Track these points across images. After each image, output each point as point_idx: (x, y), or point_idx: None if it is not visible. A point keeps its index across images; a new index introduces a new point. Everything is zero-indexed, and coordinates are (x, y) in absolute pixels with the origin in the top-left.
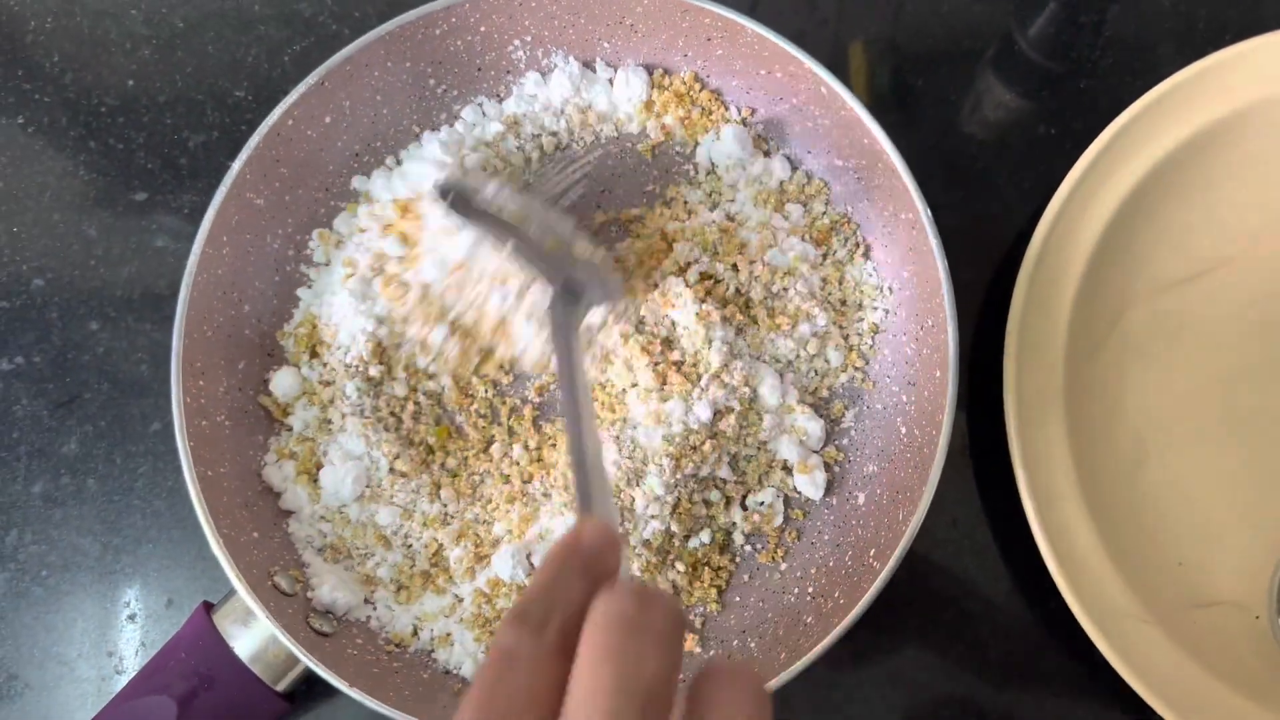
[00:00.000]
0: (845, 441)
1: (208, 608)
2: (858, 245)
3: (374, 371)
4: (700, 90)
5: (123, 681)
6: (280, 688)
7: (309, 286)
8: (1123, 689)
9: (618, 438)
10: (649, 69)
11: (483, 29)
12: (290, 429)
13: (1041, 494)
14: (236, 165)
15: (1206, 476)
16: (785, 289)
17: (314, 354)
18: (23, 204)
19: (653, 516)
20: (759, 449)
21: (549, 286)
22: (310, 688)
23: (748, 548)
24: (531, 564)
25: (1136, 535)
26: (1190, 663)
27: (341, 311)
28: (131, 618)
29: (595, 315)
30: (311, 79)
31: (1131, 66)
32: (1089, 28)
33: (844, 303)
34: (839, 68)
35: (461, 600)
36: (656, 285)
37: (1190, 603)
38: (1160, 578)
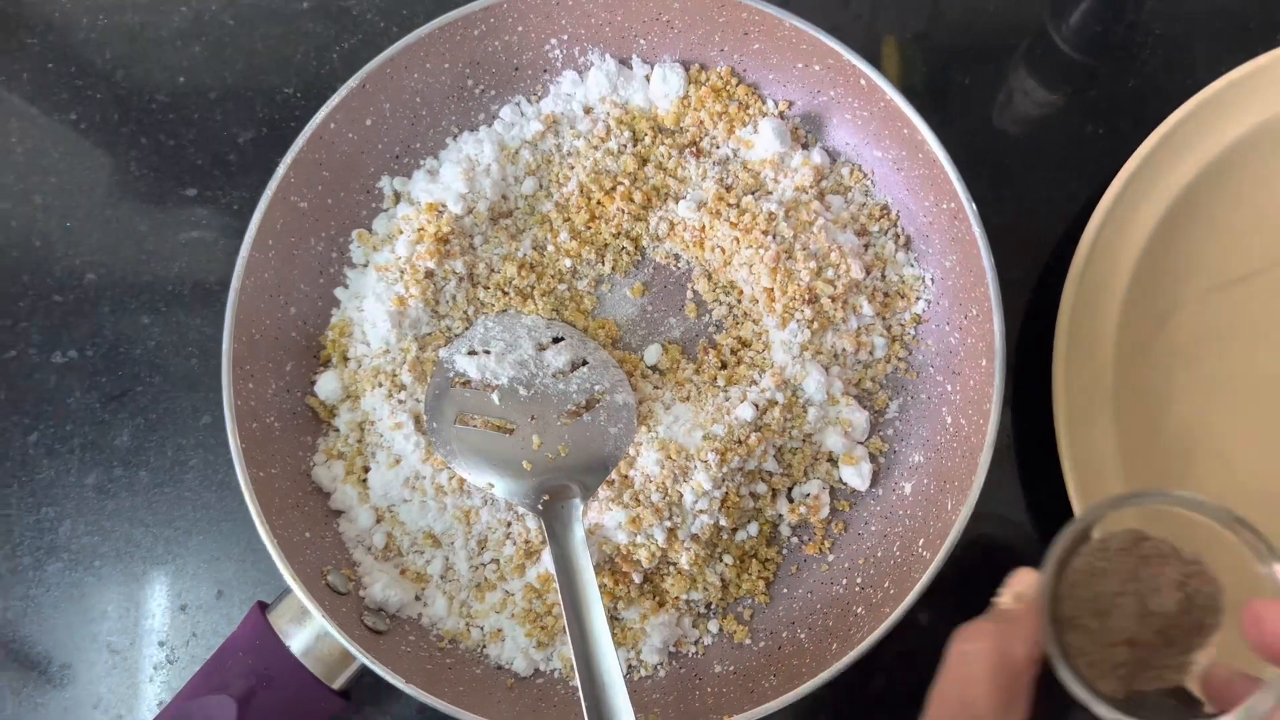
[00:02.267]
0: (890, 432)
1: (262, 607)
2: (898, 236)
3: (406, 378)
4: (737, 85)
5: (174, 671)
6: (336, 685)
7: (346, 286)
8: None
9: (660, 440)
10: (685, 65)
11: (520, 29)
12: (337, 430)
13: (1091, 495)
14: (281, 169)
15: (1257, 479)
16: (834, 283)
17: (345, 358)
18: (75, 199)
19: (701, 511)
20: (804, 441)
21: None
22: (362, 685)
23: (794, 539)
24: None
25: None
26: (1244, 669)
27: (373, 316)
28: (183, 608)
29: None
30: (353, 82)
31: (1180, 64)
32: (1130, 24)
33: (886, 294)
34: (872, 63)
35: (512, 595)
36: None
37: None
38: None
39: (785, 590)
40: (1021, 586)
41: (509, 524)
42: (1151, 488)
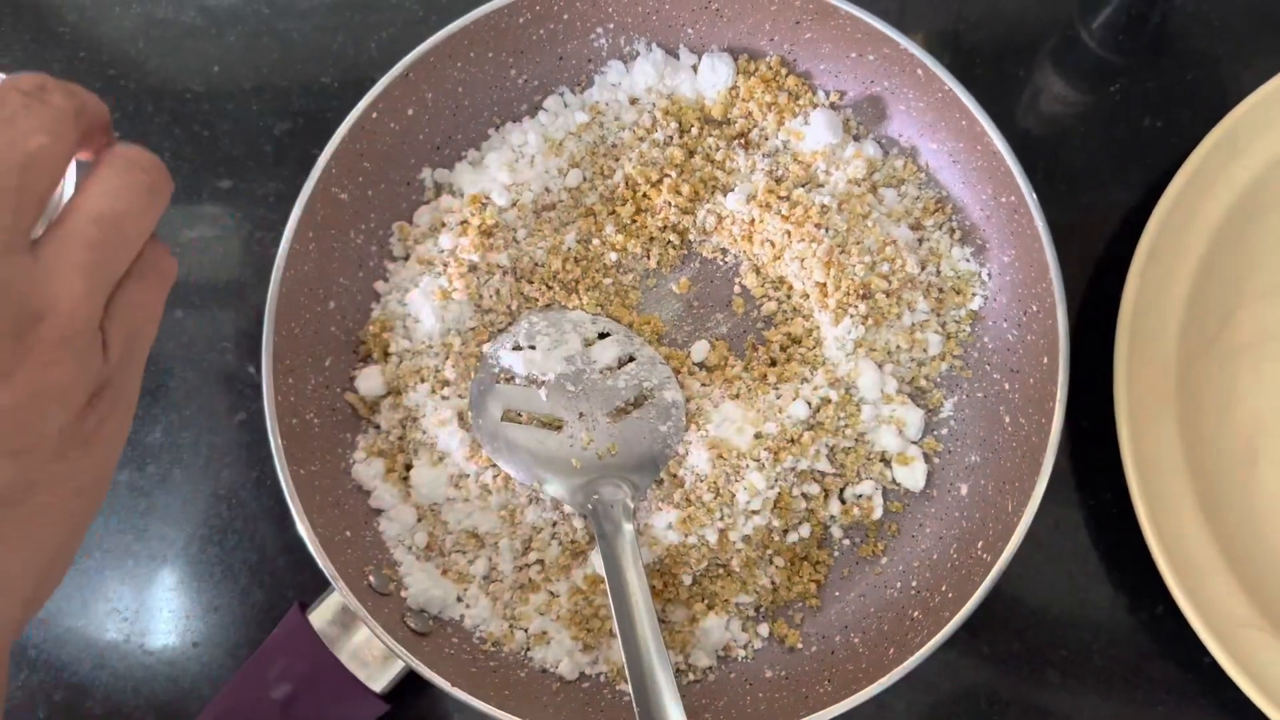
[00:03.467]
0: (945, 431)
1: (302, 607)
2: (954, 230)
3: (450, 374)
4: (787, 75)
5: (208, 673)
6: (378, 688)
7: (386, 280)
8: (1235, 699)
9: (710, 439)
10: (734, 54)
11: (565, 17)
12: (378, 427)
13: (1153, 496)
14: (322, 160)
15: None
16: (889, 277)
17: (386, 353)
18: None
19: (754, 512)
20: (857, 440)
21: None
22: (403, 688)
23: (846, 541)
24: None
25: (1252, 539)
26: None
27: (416, 310)
28: (216, 609)
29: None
30: (396, 71)
31: (1241, 56)
32: (1163, 17)
33: (941, 290)
34: None
35: (557, 597)
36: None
37: None
38: (1278, 584)
39: (837, 594)
40: None
41: (555, 524)
42: None
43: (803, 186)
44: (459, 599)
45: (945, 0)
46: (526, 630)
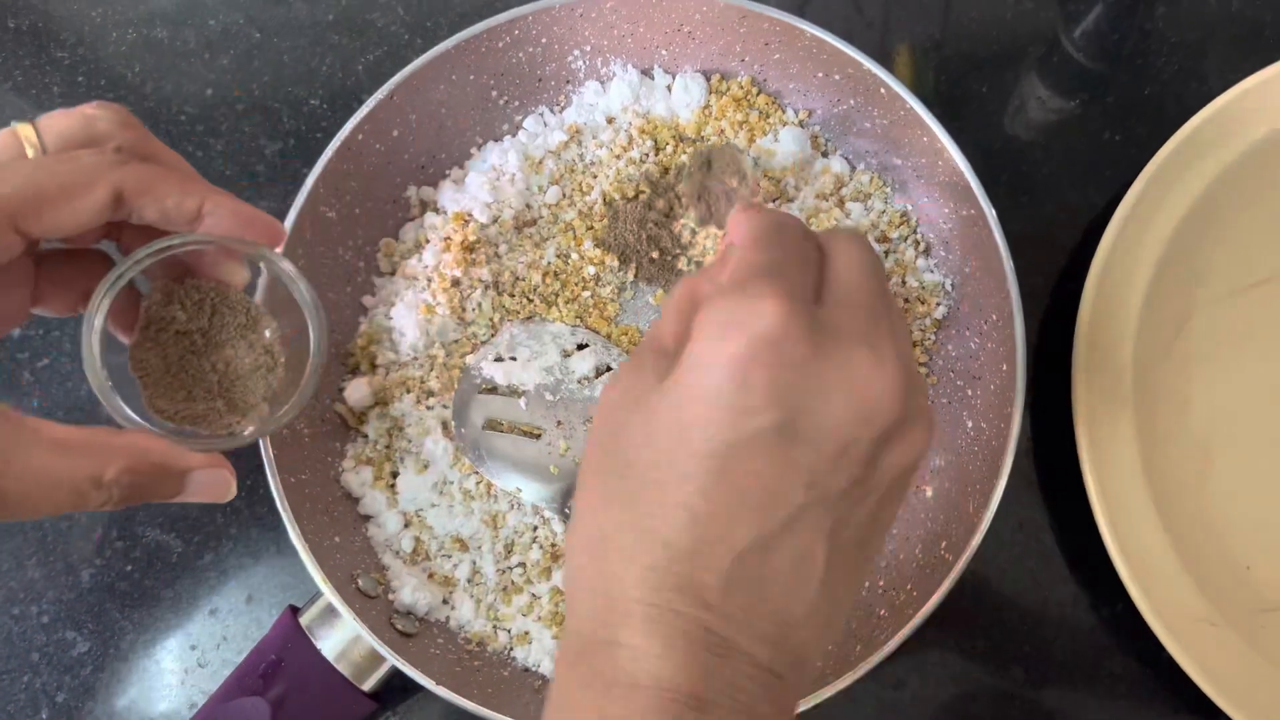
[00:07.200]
0: None
1: (294, 611)
2: (918, 243)
3: (434, 385)
4: (758, 94)
5: (205, 674)
6: (366, 687)
7: (373, 294)
8: (1192, 693)
9: None
10: (706, 75)
11: (544, 40)
12: (366, 436)
13: (1111, 497)
14: (310, 180)
15: (1273, 479)
16: None
17: (373, 365)
18: None
19: None
20: None
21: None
22: (391, 687)
23: None
24: None
25: (1205, 538)
26: (1265, 666)
27: (402, 323)
28: (213, 612)
29: None
30: (381, 94)
31: (1196, 71)
32: (1143, 32)
33: (906, 299)
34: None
35: (539, 599)
36: None
37: (1261, 606)
38: (1230, 581)
39: None
40: None
41: (535, 528)
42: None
43: (773, 201)
44: (444, 601)
45: (927, 13)
46: (509, 631)
